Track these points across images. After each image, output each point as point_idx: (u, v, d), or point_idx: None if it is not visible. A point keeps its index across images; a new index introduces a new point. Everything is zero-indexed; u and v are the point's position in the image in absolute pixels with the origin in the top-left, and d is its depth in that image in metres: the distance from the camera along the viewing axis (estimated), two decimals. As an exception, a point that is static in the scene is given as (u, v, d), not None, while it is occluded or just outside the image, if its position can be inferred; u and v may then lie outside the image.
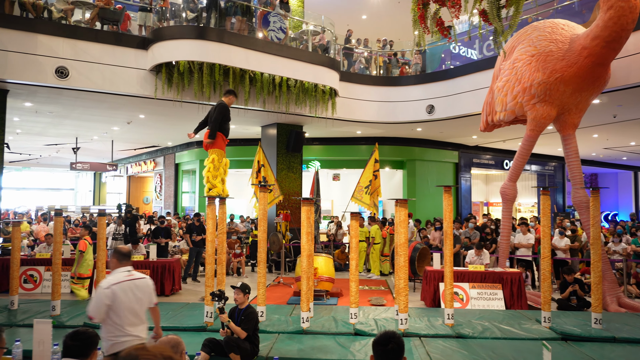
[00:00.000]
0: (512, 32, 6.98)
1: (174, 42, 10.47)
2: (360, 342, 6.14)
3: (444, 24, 7.35)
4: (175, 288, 9.95)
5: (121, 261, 4.07)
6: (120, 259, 4.07)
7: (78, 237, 13.43)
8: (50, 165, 27.84)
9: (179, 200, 21.03)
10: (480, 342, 6.19)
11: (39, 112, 13.06)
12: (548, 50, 8.16)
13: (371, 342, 2.60)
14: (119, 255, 4.08)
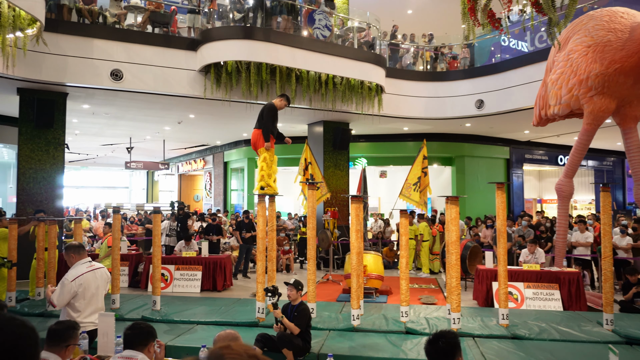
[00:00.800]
0: (567, 23, 6.69)
1: (222, 43, 10.66)
2: (412, 340, 6.06)
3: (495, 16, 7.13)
4: (227, 284, 10.16)
5: (80, 254, 4.38)
6: (78, 252, 4.38)
7: (134, 234, 13.96)
8: (106, 165, 29.00)
9: (228, 197, 21.45)
10: (537, 344, 5.99)
11: (96, 113, 13.60)
12: (606, 40, 7.77)
13: (422, 340, 2.57)
14: (75, 249, 4.39)
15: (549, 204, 22.55)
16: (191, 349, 5.60)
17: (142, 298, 8.47)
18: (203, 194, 24.57)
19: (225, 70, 10.54)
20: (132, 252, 11.02)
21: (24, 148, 10.55)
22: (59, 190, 10.84)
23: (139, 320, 6.52)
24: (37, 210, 9.22)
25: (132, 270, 10.47)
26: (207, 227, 11.84)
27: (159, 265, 7.46)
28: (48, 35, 9.37)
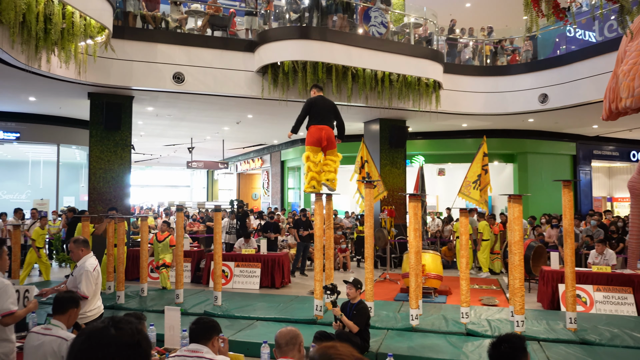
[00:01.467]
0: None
1: (279, 44, 10.80)
2: (472, 342, 5.92)
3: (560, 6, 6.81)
4: (285, 281, 10.31)
5: (87, 248, 4.59)
6: (87, 246, 4.59)
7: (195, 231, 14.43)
8: (168, 164, 30.14)
9: (285, 196, 21.74)
10: (608, 351, 5.68)
11: (159, 115, 14.15)
12: (684, 28, 7.25)
13: (484, 343, 2.50)
14: (85, 243, 4.58)
15: (620, 202, 21.31)
16: (252, 344, 5.72)
17: (204, 293, 8.74)
18: (261, 192, 25.04)
19: (282, 71, 10.67)
20: (194, 248, 11.40)
21: (94, 149, 11.14)
22: (127, 189, 11.36)
23: (202, 315, 6.74)
24: (110, 208, 9.70)
25: (194, 266, 10.83)
26: (265, 225, 12.06)
27: (219, 262, 7.67)
28: (115, 41, 9.83)
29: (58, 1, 7.85)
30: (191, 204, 23.27)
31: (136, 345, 1.14)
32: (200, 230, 14.58)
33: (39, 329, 3.29)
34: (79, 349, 1.12)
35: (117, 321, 1.19)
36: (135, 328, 1.18)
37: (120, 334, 1.14)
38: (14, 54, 8.05)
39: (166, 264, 9.19)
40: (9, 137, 14.38)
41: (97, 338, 1.13)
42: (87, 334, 1.15)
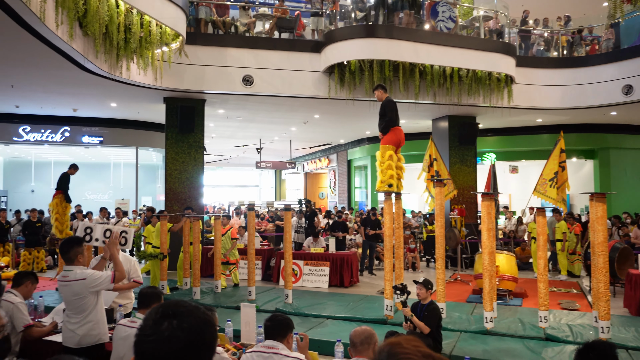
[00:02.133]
0: None
1: (345, 43, 10.81)
2: (552, 348, 5.64)
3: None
4: (354, 280, 10.31)
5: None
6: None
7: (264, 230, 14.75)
8: (238, 165, 31.01)
9: (352, 195, 21.75)
10: None
11: (230, 117, 14.59)
12: None
13: (565, 349, 2.37)
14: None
15: None
16: (323, 342, 5.76)
17: (274, 291, 8.92)
18: (328, 191, 25.20)
19: (349, 70, 10.68)
20: (264, 247, 11.66)
21: (170, 151, 11.67)
22: (200, 189, 11.81)
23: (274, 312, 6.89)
24: (186, 208, 10.12)
25: (265, 264, 11.08)
26: (334, 224, 12.12)
27: (290, 260, 7.79)
28: (188, 47, 10.24)
29: (137, 11, 8.29)
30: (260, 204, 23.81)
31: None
32: (269, 229, 14.88)
33: (125, 322, 3.49)
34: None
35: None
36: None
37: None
38: (98, 63, 8.60)
39: (230, 261, 9.50)
40: (94, 141, 15.36)
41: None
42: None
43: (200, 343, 1.17)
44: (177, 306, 1.20)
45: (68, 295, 3.69)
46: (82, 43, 7.96)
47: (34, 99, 12.38)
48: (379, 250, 12.49)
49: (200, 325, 1.19)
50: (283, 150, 22.62)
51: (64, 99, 12.37)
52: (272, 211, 17.48)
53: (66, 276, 3.67)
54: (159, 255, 8.43)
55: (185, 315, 1.18)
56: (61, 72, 9.47)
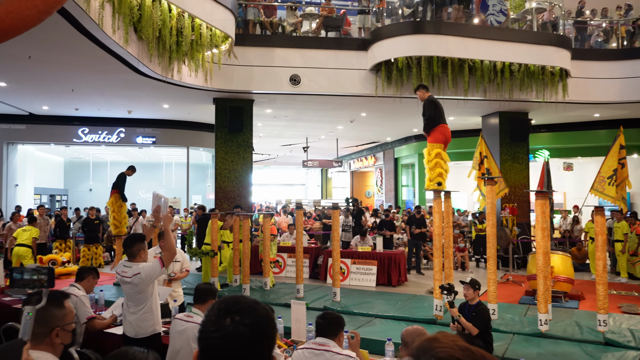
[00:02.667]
0: None
1: (392, 40, 10.72)
2: (613, 353, 5.40)
3: None
4: (401, 279, 10.23)
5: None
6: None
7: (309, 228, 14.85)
8: (284, 164, 31.33)
9: (399, 193, 21.56)
10: None
11: (277, 117, 14.77)
12: None
13: (627, 354, 2.26)
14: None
15: None
16: (372, 341, 5.74)
17: (322, 289, 8.97)
18: (374, 190, 25.08)
19: (396, 67, 10.58)
20: (312, 245, 11.74)
21: (219, 151, 11.93)
22: (249, 187, 12.03)
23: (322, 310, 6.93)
24: (236, 206, 10.33)
25: (312, 262, 11.16)
26: (381, 222, 12.06)
27: (338, 258, 7.81)
28: (237, 48, 10.43)
29: (188, 15, 8.53)
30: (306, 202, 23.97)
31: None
32: (315, 227, 14.98)
33: (182, 316, 3.61)
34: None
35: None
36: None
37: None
38: (152, 66, 8.90)
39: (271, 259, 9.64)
40: (147, 141, 15.92)
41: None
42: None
43: (262, 338, 1.20)
44: (238, 302, 1.24)
45: (128, 289, 3.88)
46: (136, 47, 8.27)
47: (92, 102, 12.97)
48: (427, 249, 12.33)
49: (261, 320, 1.22)
50: (329, 148, 22.68)
51: (119, 102, 12.89)
52: (319, 209, 17.56)
53: (125, 272, 3.84)
54: (209, 252, 8.64)
55: (246, 311, 1.21)
56: (117, 76, 9.87)
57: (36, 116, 15.09)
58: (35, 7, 4.56)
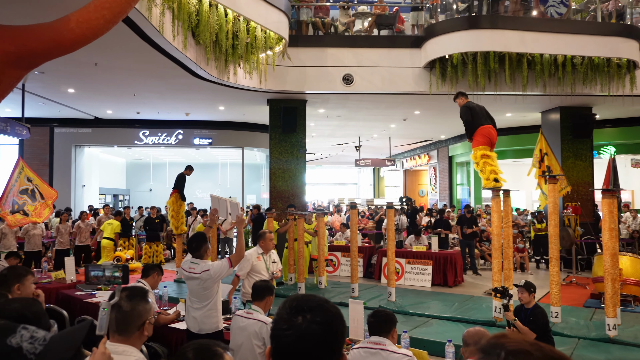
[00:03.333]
0: None
1: (446, 37, 10.51)
2: (689, 361, 5.09)
3: None
4: (458, 280, 10.03)
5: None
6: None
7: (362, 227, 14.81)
8: (336, 163, 31.38)
9: (453, 192, 21.14)
10: None
11: (330, 116, 14.82)
12: None
13: None
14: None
15: None
16: (429, 342, 5.67)
17: (377, 288, 8.94)
18: (428, 188, 24.71)
19: (451, 64, 10.38)
20: (365, 244, 11.71)
21: (274, 151, 12.11)
22: (303, 187, 12.14)
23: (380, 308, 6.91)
24: (289, 205, 10.46)
25: (366, 261, 11.13)
26: (436, 222, 11.87)
27: (393, 258, 7.76)
28: (290, 50, 10.55)
29: (243, 19, 8.71)
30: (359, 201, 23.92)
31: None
32: (369, 226, 14.92)
33: (242, 313, 3.70)
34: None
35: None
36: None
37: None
38: (209, 70, 9.16)
39: (314, 257, 9.64)
40: (204, 143, 16.39)
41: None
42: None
43: (334, 335, 1.23)
44: (308, 301, 1.26)
45: (194, 285, 4.03)
46: (194, 51, 8.54)
47: (152, 105, 13.49)
48: (483, 249, 12.03)
49: (332, 318, 1.24)
50: (382, 147, 22.52)
51: (177, 104, 13.34)
52: (372, 209, 17.48)
53: (193, 268, 4.01)
54: (265, 251, 8.79)
55: (317, 309, 1.24)
56: (176, 80, 10.23)
57: (101, 120, 15.87)
58: (103, 17, 4.81)
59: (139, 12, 6.45)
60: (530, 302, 5.09)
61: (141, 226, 13.78)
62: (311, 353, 1.19)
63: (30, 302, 1.68)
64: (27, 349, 1.07)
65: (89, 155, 17.69)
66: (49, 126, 15.87)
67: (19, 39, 5.03)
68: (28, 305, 1.64)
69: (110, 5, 4.80)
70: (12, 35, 5.05)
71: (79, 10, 4.83)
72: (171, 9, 7.38)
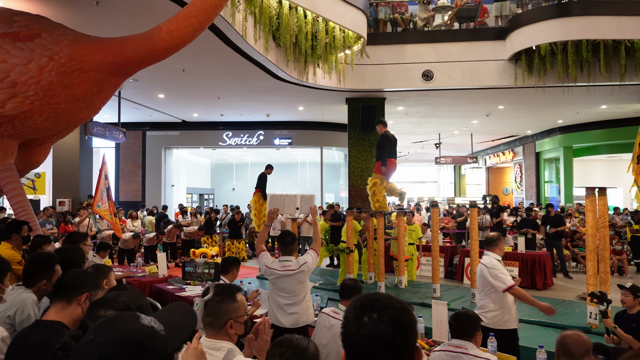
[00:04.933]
0: None
1: (533, 26, 10.00)
2: None
3: None
4: (547, 282, 9.51)
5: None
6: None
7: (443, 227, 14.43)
8: (416, 161, 30.88)
9: (541, 190, 20.05)
10: None
11: (409, 114, 14.61)
12: None
13: None
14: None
15: None
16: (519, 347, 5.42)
17: (459, 289, 8.68)
18: (513, 186, 23.63)
19: (538, 55, 9.87)
20: (447, 244, 11.42)
21: (352, 150, 12.14)
22: (381, 186, 12.05)
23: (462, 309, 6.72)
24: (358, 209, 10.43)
25: (448, 261, 10.85)
26: (522, 221, 11.33)
27: (476, 258, 7.49)
28: (368, 48, 10.53)
29: (322, 19, 8.81)
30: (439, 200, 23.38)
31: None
32: (450, 226, 14.53)
33: (329, 311, 3.73)
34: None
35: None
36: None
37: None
38: (288, 71, 9.36)
39: (394, 256, 9.47)
40: (284, 143, 16.77)
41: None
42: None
43: (402, 333, 1.21)
44: (372, 300, 1.25)
45: (289, 282, 4.10)
46: (275, 54, 8.76)
47: (235, 107, 14.01)
48: (575, 251, 11.32)
49: (399, 314, 1.22)
50: (463, 144, 21.87)
51: (259, 106, 13.75)
52: (453, 208, 17.02)
53: (288, 266, 4.09)
54: (345, 249, 8.83)
55: (382, 308, 1.22)
56: (257, 82, 10.55)
57: (188, 123, 16.73)
58: (191, 25, 5.08)
59: (223, 19, 6.72)
60: (635, 307, 4.70)
61: (226, 224, 14.33)
62: (381, 353, 1.18)
63: (137, 295, 1.81)
64: (158, 328, 1.19)
65: (177, 157, 18.70)
66: (141, 130, 16.97)
67: (117, 50, 5.44)
68: (134, 299, 1.77)
69: (198, 14, 5.05)
70: (111, 47, 5.48)
71: (169, 20, 5.13)
72: (253, 13, 7.62)
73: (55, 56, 5.32)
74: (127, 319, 1.18)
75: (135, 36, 5.41)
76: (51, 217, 11.05)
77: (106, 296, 1.78)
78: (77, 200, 13.24)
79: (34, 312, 2.76)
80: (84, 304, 2.11)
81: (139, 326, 1.16)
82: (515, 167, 22.69)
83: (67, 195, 13.40)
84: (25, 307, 2.76)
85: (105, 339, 1.10)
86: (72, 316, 2.10)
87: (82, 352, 1.12)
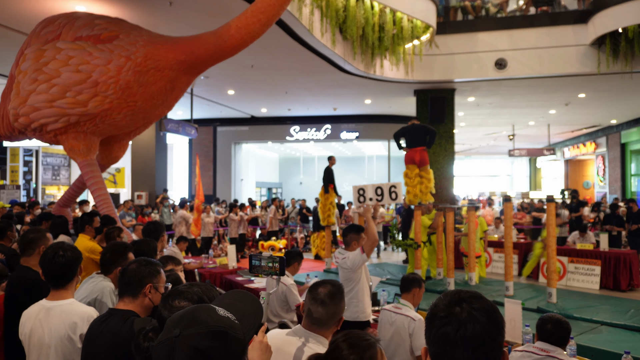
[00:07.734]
0: None
1: (620, 7, 9.28)
2: None
3: None
4: (634, 283, 8.86)
5: None
6: None
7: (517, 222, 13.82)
8: (487, 153, 29.79)
9: (627, 184, 18.67)
10: None
11: (480, 104, 14.08)
12: None
13: None
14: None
15: None
16: (599, 351, 5.07)
17: (533, 288, 8.28)
18: (595, 180, 22.22)
19: (625, 38, 9.16)
20: (521, 240, 10.94)
21: (421, 143, 11.86)
22: (451, 179, 11.73)
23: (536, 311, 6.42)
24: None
25: (522, 258, 10.38)
26: (605, 217, 10.62)
27: (554, 256, 7.11)
28: (438, 37, 10.23)
29: (389, 10, 8.66)
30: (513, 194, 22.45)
31: None
32: (525, 221, 13.89)
33: (390, 307, 3.68)
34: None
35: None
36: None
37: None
38: (355, 64, 9.28)
39: (464, 253, 9.13)
40: (351, 136, 16.72)
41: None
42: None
43: (495, 325, 1.18)
44: (462, 291, 1.24)
45: (341, 274, 4.25)
46: (341, 47, 8.71)
47: (302, 102, 14.12)
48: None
49: (489, 307, 1.20)
50: (539, 135, 20.81)
51: (325, 100, 13.78)
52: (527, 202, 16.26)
53: (342, 258, 4.22)
54: (413, 244, 8.67)
55: (474, 299, 1.21)
56: (324, 76, 10.55)
57: (256, 118, 17.08)
58: (259, 21, 5.14)
59: (290, 14, 6.76)
60: None
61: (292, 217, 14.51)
62: (472, 344, 1.14)
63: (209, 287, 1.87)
64: (233, 318, 1.25)
65: (246, 152, 19.17)
66: (212, 126, 17.53)
67: (189, 48, 5.62)
68: (207, 291, 1.83)
69: (265, 10, 5.11)
70: (183, 46, 5.68)
71: (238, 17, 5.22)
72: (319, 7, 7.61)
73: (132, 56, 5.59)
74: (206, 311, 1.24)
75: (206, 34, 5.56)
76: (130, 209, 11.68)
77: (180, 287, 1.85)
78: (153, 194, 13.91)
79: (112, 300, 2.91)
80: (149, 294, 2.21)
81: (218, 317, 1.22)
82: (598, 160, 21.28)
83: (144, 189, 14.12)
84: (104, 294, 2.91)
85: (193, 331, 1.17)
86: (141, 306, 2.22)
87: (174, 346, 1.17)
